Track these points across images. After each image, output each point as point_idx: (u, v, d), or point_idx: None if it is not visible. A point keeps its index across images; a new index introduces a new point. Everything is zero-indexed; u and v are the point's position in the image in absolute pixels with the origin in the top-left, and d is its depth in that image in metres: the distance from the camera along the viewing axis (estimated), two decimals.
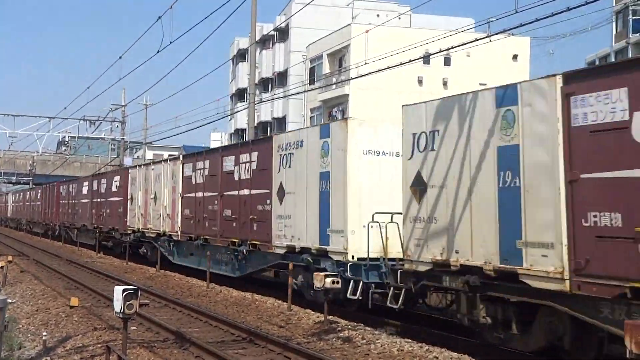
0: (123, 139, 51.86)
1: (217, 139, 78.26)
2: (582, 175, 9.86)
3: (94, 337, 13.70)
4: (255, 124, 35.76)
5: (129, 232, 31.54)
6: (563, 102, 10.13)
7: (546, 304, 10.57)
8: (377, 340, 13.17)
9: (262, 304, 18.22)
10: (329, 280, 14.96)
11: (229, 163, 21.75)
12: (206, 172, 23.51)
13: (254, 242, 19.63)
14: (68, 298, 18.49)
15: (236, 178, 20.94)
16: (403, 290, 13.46)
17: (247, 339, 13.36)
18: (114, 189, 34.93)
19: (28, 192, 65.18)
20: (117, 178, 34.94)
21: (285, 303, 17.49)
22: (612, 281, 9.37)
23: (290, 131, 25.51)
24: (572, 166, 10.01)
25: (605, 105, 9.55)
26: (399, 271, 13.57)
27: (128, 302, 9.72)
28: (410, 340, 13.09)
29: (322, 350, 12.38)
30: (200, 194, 23.69)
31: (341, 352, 12.34)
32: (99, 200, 37.88)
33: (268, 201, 18.88)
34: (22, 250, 38.48)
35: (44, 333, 13.85)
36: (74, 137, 53.05)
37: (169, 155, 33.56)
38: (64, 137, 53.35)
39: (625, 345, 8.65)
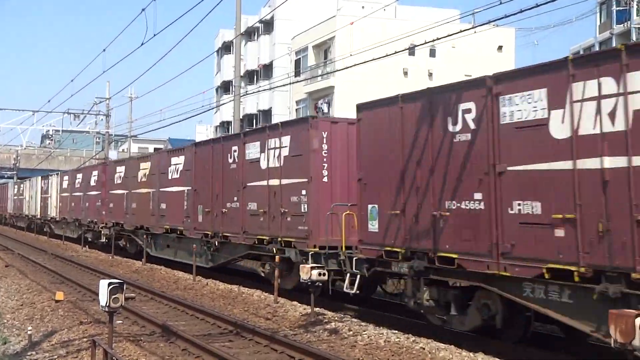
0: (108, 132, 51.58)
1: (203, 132, 78.02)
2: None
3: (79, 331, 13.64)
4: (241, 117, 35.65)
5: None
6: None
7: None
8: (364, 331, 13.20)
9: (248, 297, 18.21)
10: (315, 272, 14.97)
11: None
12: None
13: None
14: (53, 292, 18.40)
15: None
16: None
17: (234, 332, 13.35)
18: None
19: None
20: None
21: (271, 295, 17.49)
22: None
23: None
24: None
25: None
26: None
27: (114, 296, 9.64)
28: (396, 331, 13.13)
29: (309, 342, 12.40)
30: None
31: (328, 343, 12.35)
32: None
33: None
34: (6, 245, 38.28)
35: (29, 328, 13.79)
36: (58, 131, 52.75)
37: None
38: (48, 130, 52.98)
39: (610, 334, 8.75)
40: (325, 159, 16.44)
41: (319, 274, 14.96)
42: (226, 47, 64.14)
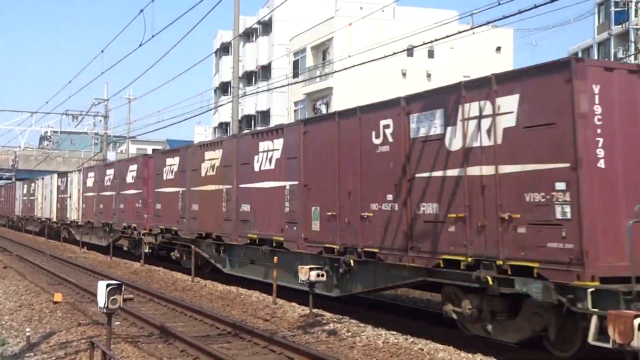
0: (106, 133, 51.63)
1: (202, 133, 78.03)
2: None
3: (78, 333, 13.63)
4: (239, 118, 35.64)
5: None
6: None
7: None
8: (362, 332, 13.20)
9: (247, 298, 18.20)
10: (313, 273, 14.94)
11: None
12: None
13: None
14: (52, 294, 18.39)
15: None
16: None
17: (232, 333, 13.35)
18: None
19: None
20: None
21: (270, 296, 17.48)
22: None
23: None
24: None
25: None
26: None
27: (112, 297, 9.64)
28: (395, 332, 13.12)
29: (308, 343, 12.39)
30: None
31: (326, 345, 12.35)
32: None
33: None
34: (4, 246, 38.25)
35: (28, 329, 13.77)
36: (57, 132, 52.73)
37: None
38: (47, 131, 53.02)
39: (609, 335, 8.75)
40: (599, 131, 10.01)
41: (317, 275, 14.92)
42: (225, 48, 64.18)
